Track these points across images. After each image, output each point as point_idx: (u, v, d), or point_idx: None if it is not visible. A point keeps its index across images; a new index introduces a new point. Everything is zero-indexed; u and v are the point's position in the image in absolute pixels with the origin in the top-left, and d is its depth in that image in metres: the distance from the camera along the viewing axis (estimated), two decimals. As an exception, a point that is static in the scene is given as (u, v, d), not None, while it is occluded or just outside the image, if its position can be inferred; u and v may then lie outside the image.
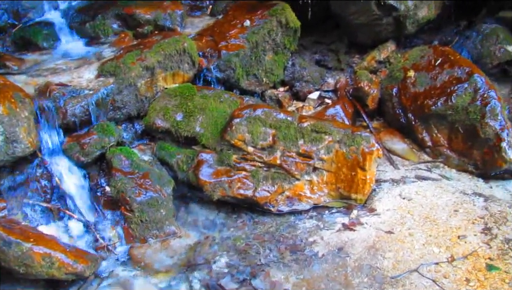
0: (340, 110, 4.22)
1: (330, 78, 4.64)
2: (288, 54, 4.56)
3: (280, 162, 3.51)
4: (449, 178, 3.77)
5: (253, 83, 4.38)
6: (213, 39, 4.34)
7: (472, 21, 4.94)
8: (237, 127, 3.56)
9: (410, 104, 4.07)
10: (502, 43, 4.46)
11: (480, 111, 3.70)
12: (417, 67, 4.17)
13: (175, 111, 3.77)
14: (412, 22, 4.46)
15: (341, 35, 4.89)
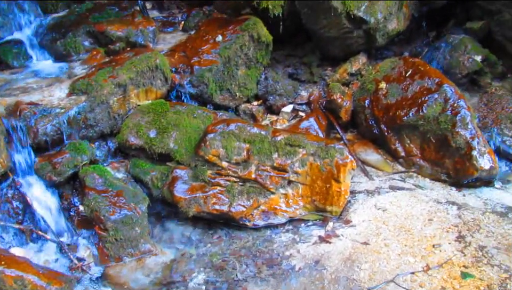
0: (314, 122, 4.24)
1: (304, 91, 4.67)
2: (261, 68, 4.58)
3: (255, 176, 3.51)
4: (423, 187, 3.80)
5: (226, 98, 4.39)
6: (186, 54, 4.34)
7: (441, 32, 5.03)
8: (211, 143, 3.55)
9: (383, 115, 4.11)
10: (470, 53, 4.54)
11: (450, 121, 3.76)
12: (389, 79, 4.22)
13: (149, 128, 3.75)
14: (382, 34, 4.52)
15: (313, 49, 4.93)
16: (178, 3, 5.55)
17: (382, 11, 4.41)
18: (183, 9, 5.44)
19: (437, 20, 5.14)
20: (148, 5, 5.55)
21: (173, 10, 5.48)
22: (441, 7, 5.00)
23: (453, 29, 5.02)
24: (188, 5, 5.43)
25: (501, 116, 4.19)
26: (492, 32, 4.74)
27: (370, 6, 4.37)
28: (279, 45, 4.83)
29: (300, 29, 4.79)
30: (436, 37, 5.04)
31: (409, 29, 4.97)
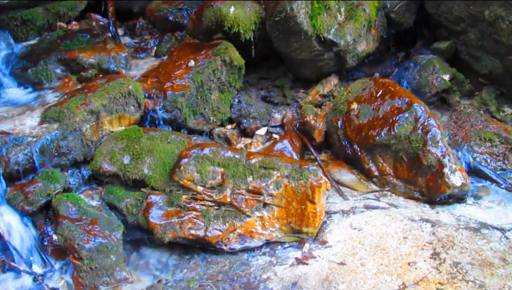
0: (288, 144, 4.27)
1: (277, 113, 4.71)
2: (234, 91, 4.61)
3: (230, 200, 3.51)
4: (397, 206, 3.84)
5: (200, 122, 4.40)
6: (158, 80, 4.35)
7: (410, 52, 5.15)
8: (185, 167, 3.55)
9: (356, 135, 4.16)
10: (439, 72, 4.65)
11: (421, 139, 3.82)
12: (360, 99, 4.28)
13: (122, 154, 3.73)
14: (352, 56, 4.60)
15: (285, 71, 4.99)
16: (150, 29, 5.58)
17: (352, 34, 4.50)
18: (155, 35, 5.47)
19: (406, 41, 5.27)
20: (120, 32, 5.57)
21: (145, 36, 5.50)
22: (409, 28, 5.12)
23: (421, 49, 5.14)
24: (160, 31, 5.47)
25: (470, 133, 4.28)
26: (458, 51, 4.86)
27: (339, 28, 4.46)
28: (251, 68, 4.88)
29: (272, 52, 4.85)
30: (404, 57, 5.15)
31: (379, 50, 5.08)
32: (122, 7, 5.82)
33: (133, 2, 5.87)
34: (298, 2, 4.23)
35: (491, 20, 4.37)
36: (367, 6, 4.61)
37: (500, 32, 4.35)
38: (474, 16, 4.51)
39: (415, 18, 5.09)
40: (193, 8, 5.33)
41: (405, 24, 5.06)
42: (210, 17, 4.50)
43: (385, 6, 4.98)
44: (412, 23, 5.08)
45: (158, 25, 5.53)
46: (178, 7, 5.50)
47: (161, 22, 5.47)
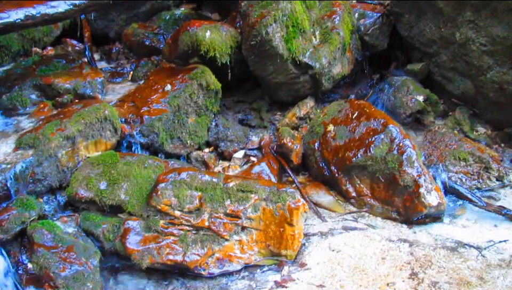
0: (266, 167, 4.27)
1: (254, 136, 4.72)
2: (211, 115, 4.62)
3: (208, 224, 3.49)
4: (375, 226, 3.86)
5: (177, 146, 4.39)
6: (135, 104, 4.34)
7: (384, 74, 5.23)
8: (162, 192, 3.53)
9: (332, 157, 4.19)
10: (413, 94, 4.73)
11: (397, 160, 3.86)
12: (336, 121, 4.32)
13: (99, 180, 3.70)
14: (327, 79, 4.66)
15: (262, 94, 5.03)
16: (126, 54, 5.59)
17: (327, 57, 4.56)
18: (131, 59, 5.49)
19: (380, 63, 5.36)
20: (96, 56, 5.57)
21: (121, 61, 5.51)
22: (383, 51, 5.22)
23: (395, 71, 5.24)
24: (136, 56, 5.48)
25: (445, 153, 4.34)
26: (431, 73, 4.96)
27: (315, 52, 4.52)
28: (228, 92, 4.90)
29: (249, 75, 4.88)
30: (379, 79, 5.23)
31: (354, 72, 5.16)
32: (99, 32, 5.83)
33: (109, 27, 5.89)
34: (274, 26, 4.28)
35: (462, 42, 4.48)
36: (341, 29, 4.69)
37: (471, 54, 4.45)
38: (445, 39, 4.62)
39: (388, 41, 5.20)
40: (169, 33, 5.38)
41: (378, 47, 5.15)
42: (187, 42, 4.52)
43: (359, 29, 5.08)
44: (385, 46, 5.18)
45: (134, 49, 5.55)
46: (155, 31, 5.54)
47: (138, 46, 5.49)
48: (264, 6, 4.39)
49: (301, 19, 4.47)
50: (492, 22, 4.22)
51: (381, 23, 5.11)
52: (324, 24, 4.70)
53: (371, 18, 5.14)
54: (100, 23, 5.84)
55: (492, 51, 4.32)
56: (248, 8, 4.52)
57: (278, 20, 4.31)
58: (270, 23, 4.27)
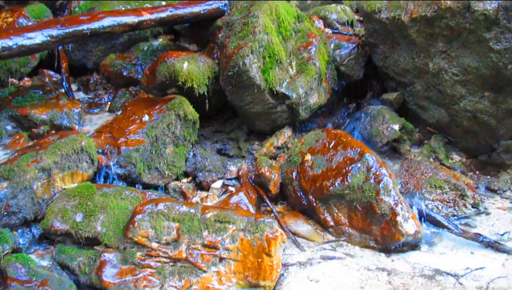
0: (244, 197, 4.27)
1: (233, 165, 4.73)
2: (189, 145, 4.62)
3: (186, 255, 3.46)
4: (353, 255, 3.86)
5: (155, 176, 4.37)
6: (112, 135, 4.33)
7: (360, 103, 5.31)
8: (139, 224, 3.50)
9: (310, 186, 4.20)
10: (388, 123, 4.80)
11: (374, 189, 3.88)
12: (314, 150, 4.35)
13: (75, 212, 3.65)
14: (304, 108, 4.71)
15: (240, 124, 5.05)
16: (104, 85, 5.59)
17: (303, 87, 4.61)
18: (109, 90, 5.48)
19: (356, 92, 5.44)
20: (74, 87, 5.56)
21: (99, 92, 5.50)
22: (359, 80, 5.30)
23: (371, 100, 5.32)
24: (114, 86, 5.48)
25: (421, 181, 4.39)
26: (406, 102, 5.05)
27: (291, 82, 4.57)
28: (206, 122, 4.92)
29: (227, 105, 4.92)
30: (356, 108, 5.30)
31: (331, 102, 5.22)
32: (76, 62, 5.83)
33: (87, 58, 5.89)
34: (251, 57, 4.34)
35: (435, 72, 4.57)
36: (317, 60, 4.76)
37: (444, 84, 4.54)
38: (419, 69, 4.71)
39: (364, 71, 5.29)
40: (147, 64, 5.41)
41: (354, 77, 5.24)
42: (164, 73, 4.55)
43: (335, 60, 5.16)
44: (361, 75, 5.27)
45: (112, 80, 5.56)
46: (133, 62, 5.56)
47: (116, 77, 5.50)
48: (241, 37, 4.45)
49: (278, 50, 4.53)
50: (463, 53, 4.33)
51: (356, 53, 5.21)
52: (300, 55, 4.77)
53: (347, 49, 5.23)
54: (78, 54, 5.84)
55: (464, 81, 4.42)
56: (226, 40, 4.58)
57: (255, 51, 4.37)
58: (247, 54, 4.33)
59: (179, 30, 6.32)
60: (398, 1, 4.69)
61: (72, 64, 5.69)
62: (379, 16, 4.81)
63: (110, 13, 4.93)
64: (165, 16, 5.24)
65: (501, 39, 4.06)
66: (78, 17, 4.82)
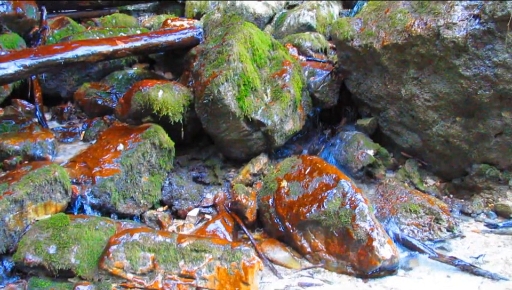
0: (220, 224, 4.25)
1: (209, 193, 4.71)
2: (164, 173, 4.59)
3: (162, 286, 3.41)
4: (331, 282, 3.85)
5: (130, 206, 4.32)
6: (87, 165, 4.28)
7: (335, 129, 5.35)
8: (114, 255, 3.45)
9: (287, 213, 4.20)
10: (363, 148, 4.84)
11: (350, 214, 3.90)
12: (289, 177, 4.36)
13: (48, 244, 3.59)
14: (280, 135, 4.73)
15: (216, 151, 5.06)
16: (78, 114, 5.56)
17: (278, 114, 4.64)
18: (83, 119, 5.46)
19: (331, 118, 5.49)
20: (47, 116, 5.52)
21: (73, 121, 5.47)
22: (333, 107, 5.36)
23: (346, 126, 5.38)
24: (89, 115, 5.46)
25: (397, 205, 4.42)
26: (380, 127, 5.11)
27: (266, 109, 4.61)
28: (182, 149, 4.91)
29: (202, 133, 4.92)
30: (331, 134, 5.35)
31: (306, 128, 5.26)
32: (50, 92, 5.81)
33: (61, 87, 5.86)
34: (225, 85, 4.36)
35: (407, 98, 4.64)
36: (291, 87, 4.81)
37: (416, 109, 4.61)
38: (392, 95, 4.79)
39: (338, 97, 5.34)
40: (122, 92, 5.40)
41: (329, 103, 5.29)
42: (139, 101, 4.54)
43: (310, 87, 5.22)
44: (335, 102, 5.33)
45: (86, 109, 5.53)
46: (107, 91, 5.55)
47: (90, 106, 5.47)
48: (216, 65, 4.49)
49: (252, 78, 4.57)
50: (434, 79, 4.41)
51: (330, 80, 5.27)
52: (275, 82, 4.81)
53: (321, 76, 5.30)
54: (52, 83, 5.81)
55: (436, 106, 4.50)
56: (200, 68, 4.60)
57: (229, 79, 4.40)
58: (222, 82, 4.35)
59: (154, 59, 6.35)
60: (370, 29, 4.78)
61: (45, 93, 5.66)
62: (352, 44, 4.89)
63: (84, 42, 4.93)
64: (139, 45, 5.26)
65: (470, 65, 4.15)
66: (52, 46, 4.80)
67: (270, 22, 6.87)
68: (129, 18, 7.18)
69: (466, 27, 4.09)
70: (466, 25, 4.10)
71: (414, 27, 4.35)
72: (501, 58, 4.02)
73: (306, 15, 6.49)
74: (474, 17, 4.08)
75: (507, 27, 3.92)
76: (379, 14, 4.81)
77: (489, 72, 4.09)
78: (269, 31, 6.70)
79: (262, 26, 6.70)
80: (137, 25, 7.10)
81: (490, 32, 4.00)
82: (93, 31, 6.07)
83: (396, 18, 4.56)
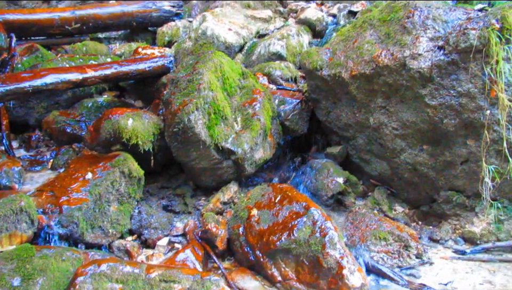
0: (190, 254, 4.20)
1: (179, 222, 4.67)
2: (134, 202, 4.54)
3: (130, 318, 3.35)
4: (302, 311, 3.84)
5: (99, 235, 4.25)
6: (54, 194, 4.21)
7: (306, 157, 5.39)
8: (80, 286, 3.37)
9: (257, 241, 4.18)
10: (333, 176, 4.88)
11: (320, 242, 3.90)
12: (260, 205, 4.36)
13: (12, 276, 3.48)
14: (250, 163, 4.74)
15: (186, 179, 5.04)
16: (47, 142, 5.48)
17: (248, 142, 4.66)
18: (52, 147, 5.38)
19: (301, 146, 5.53)
20: (15, 144, 5.43)
21: (41, 149, 5.39)
22: (303, 135, 5.41)
23: (316, 154, 5.43)
24: (57, 143, 5.39)
25: (366, 233, 4.44)
26: (349, 155, 5.17)
27: (237, 138, 4.62)
28: (152, 178, 4.88)
29: (172, 161, 4.90)
30: (301, 162, 5.38)
31: (276, 156, 5.29)
32: (18, 119, 5.73)
33: (29, 115, 5.79)
34: (196, 113, 4.37)
35: (376, 126, 4.72)
36: (262, 116, 4.84)
37: (384, 137, 4.69)
38: (360, 123, 4.86)
39: (308, 125, 5.40)
40: (91, 120, 5.36)
41: (299, 131, 5.34)
42: (109, 129, 4.51)
43: (280, 115, 5.26)
44: (305, 130, 5.38)
45: (55, 137, 5.46)
46: (76, 119, 5.50)
47: (59, 134, 5.41)
48: (186, 94, 4.50)
49: (223, 106, 4.60)
50: (401, 108, 4.50)
51: (300, 108, 5.33)
52: (245, 110, 4.84)
53: (291, 105, 5.35)
54: (19, 111, 5.73)
55: (404, 135, 4.58)
56: (171, 96, 4.61)
57: (200, 108, 4.41)
58: (192, 110, 4.36)
59: (124, 87, 6.33)
60: (338, 59, 4.86)
61: (13, 121, 5.58)
62: (321, 73, 4.97)
63: (53, 70, 4.90)
64: (109, 73, 5.25)
65: (435, 95, 4.25)
66: (20, 74, 4.76)
67: (240, 50, 6.94)
68: (100, 46, 7.16)
69: (431, 58, 4.20)
70: (431, 56, 4.21)
71: (381, 58, 4.45)
72: (465, 88, 4.13)
73: (277, 44, 6.58)
74: (438, 48, 4.20)
75: (470, 58, 4.03)
76: (347, 44, 4.90)
77: (454, 102, 4.19)
78: (239, 59, 6.76)
79: (232, 55, 6.76)
80: (108, 53, 7.08)
81: (454, 63, 4.12)
82: (63, 59, 6.03)
83: (363, 48, 4.66)
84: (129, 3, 7.61)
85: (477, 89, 4.10)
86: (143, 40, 7.76)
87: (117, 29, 7.77)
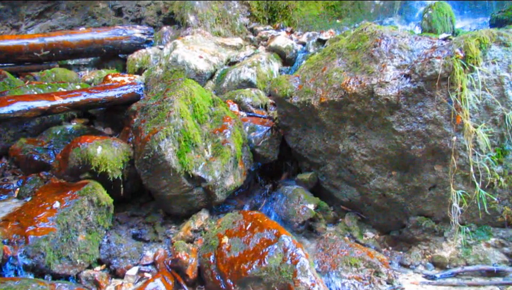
0: (160, 283, 4.14)
1: (149, 251, 4.61)
2: (102, 231, 4.47)
3: None
4: (273, 340, 3.80)
5: (66, 266, 4.16)
6: (20, 224, 4.11)
7: (277, 183, 5.40)
8: (47, 319, 3.29)
9: (228, 269, 4.15)
10: (304, 202, 4.89)
11: (291, 270, 3.89)
12: (231, 233, 4.34)
13: (-26, 310, 3.39)
14: (221, 191, 4.73)
15: (156, 207, 4.99)
16: (13, 170, 5.38)
17: (219, 170, 4.65)
18: (18, 175, 5.28)
19: (272, 173, 5.55)
20: (-20, 173, 5.31)
21: (7, 177, 5.28)
22: (274, 162, 5.43)
23: (286, 180, 5.44)
24: (24, 171, 5.29)
25: (337, 259, 4.44)
26: (320, 181, 5.20)
27: (207, 165, 4.61)
28: (121, 206, 4.82)
29: (142, 189, 4.86)
30: (272, 188, 5.39)
31: (247, 183, 5.29)
32: (-17, 147, 5.61)
33: (-5, 142, 5.69)
34: (166, 141, 4.36)
35: (345, 153, 4.77)
36: (232, 143, 4.84)
37: (354, 164, 4.74)
38: (330, 150, 4.90)
39: (279, 152, 5.43)
40: (59, 148, 5.29)
41: (269, 158, 5.36)
42: (77, 157, 4.46)
43: (250, 142, 5.28)
44: (276, 157, 5.40)
45: (22, 165, 5.36)
46: (44, 146, 5.42)
47: (26, 162, 5.31)
48: (156, 121, 4.49)
49: (193, 134, 4.59)
50: (370, 135, 4.56)
51: (270, 135, 5.35)
52: (215, 138, 4.84)
53: (261, 131, 5.37)
54: (-15, 139, 5.63)
55: (372, 161, 4.63)
56: (141, 124, 4.59)
57: (170, 135, 4.40)
58: (162, 138, 4.35)
59: (94, 114, 6.28)
60: (308, 86, 4.92)
61: (-22, 149, 5.47)
62: (291, 100, 5.02)
63: (20, 98, 4.84)
64: (78, 101, 5.21)
65: (403, 122, 4.33)
66: (-14, 102, 4.69)
67: (211, 78, 6.97)
68: (69, 73, 7.10)
69: (398, 86, 4.29)
70: (398, 84, 4.30)
71: (350, 86, 4.52)
72: (431, 115, 4.22)
73: (247, 71, 6.63)
74: (405, 77, 4.29)
75: (436, 86, 4.13)
76: (316, 72, 4.98)
77: (421, 128, 4.27)
78: (210, 87, 6.78)
79: (203, 82, 6.78)
80: (77, 80, 7.03)
81: (421, 91, 4.21)
82: (31, 86, 5.96)
83: (332, 76, 4.73)
84: (99, 30, 7.58)
85: (443, 116, 4.19)
86: (114, 67, 7.73)
87: (87, 56, 7.72)
